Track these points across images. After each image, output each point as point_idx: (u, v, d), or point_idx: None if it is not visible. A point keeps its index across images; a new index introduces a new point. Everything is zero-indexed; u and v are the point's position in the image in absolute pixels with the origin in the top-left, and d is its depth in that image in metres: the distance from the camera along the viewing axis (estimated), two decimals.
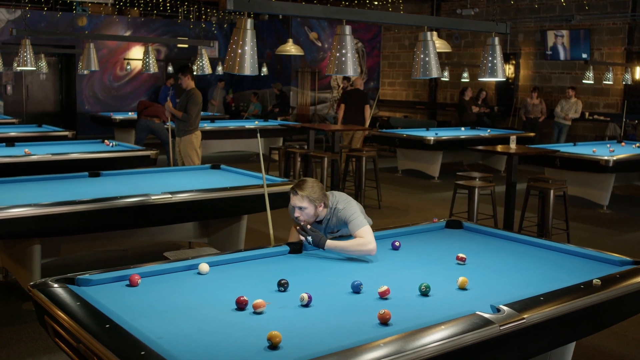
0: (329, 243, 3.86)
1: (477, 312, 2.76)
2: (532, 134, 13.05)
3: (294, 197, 4.01)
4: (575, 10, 14.22)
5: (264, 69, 16.43)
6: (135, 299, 3.04)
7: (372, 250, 3.82)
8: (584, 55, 14.07)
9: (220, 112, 17.03)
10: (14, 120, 13.24)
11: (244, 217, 6.16)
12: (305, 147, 10.24)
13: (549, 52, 14.71)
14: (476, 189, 7.24)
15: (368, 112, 11.71)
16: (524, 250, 4.07)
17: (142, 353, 2.32)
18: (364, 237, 3.87)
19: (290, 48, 12.17)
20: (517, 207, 7.77)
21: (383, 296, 3.06)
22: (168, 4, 17.81)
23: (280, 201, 5.57)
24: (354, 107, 11.80)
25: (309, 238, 3.86)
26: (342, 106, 11.89)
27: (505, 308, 2.83)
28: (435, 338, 2.52)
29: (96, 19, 17.48)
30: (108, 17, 17.68)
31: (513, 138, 8.47)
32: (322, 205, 4.03)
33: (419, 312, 2.89)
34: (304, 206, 3.99)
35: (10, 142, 8.79)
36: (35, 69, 8.57)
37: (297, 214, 4.02)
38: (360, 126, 11.31)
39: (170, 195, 5.27)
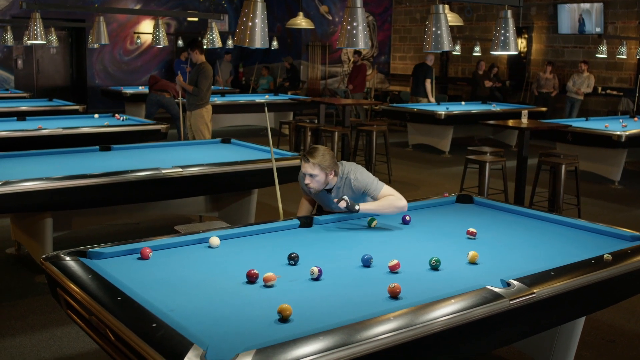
0: (362, 206, 3.94)
1: (487, 287, 2.76)
2: (544, 109, 12.96)
3: (305, 164, 4.03)
4: None
5: (275, 43, 16.34)
6: (147, 272, 3.05)
7: (404, 206, 3.97)
8: (598, 29, 13.92)
9: (227, 86, 16.94)
10: (25, 95, 13.26)
11: (254, 191, 6.18)
12: (316, 121, 10.22)
13: (564, 26, 14.54)
14: (487, 164, 7.21)
15: (428, 85, 13.11)
16: (534, 225, 4.06)
17: (154, 325, 2.33)
18: (394, 194, 3.99)
19: (301, 21, 12.09)
20: (528, 182, 7.74)
21: (393, 270, 3.07)
22: None
23: (291, 175, 5.57)
24: (416, 80, 13.41)
25: (343, 203, 3.89)
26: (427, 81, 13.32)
27: (515, 282, 2.83)
28: (445, 312, 2.53)
29: None
30: None
31: (525, 113, 8.42)
32: (333, 173, 4.07)
33: (429, 286, 2.89)
34: (314, 174, 4.02)
35: (21, 116, 8.81)
36: (45, 42, 8.55)
37: (307, 181, 4.06)
38: (421, 97, 13.18)
39: (181, 169, 5.28)
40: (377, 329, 2.35)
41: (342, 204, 3.90)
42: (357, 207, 3.92)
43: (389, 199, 3.98)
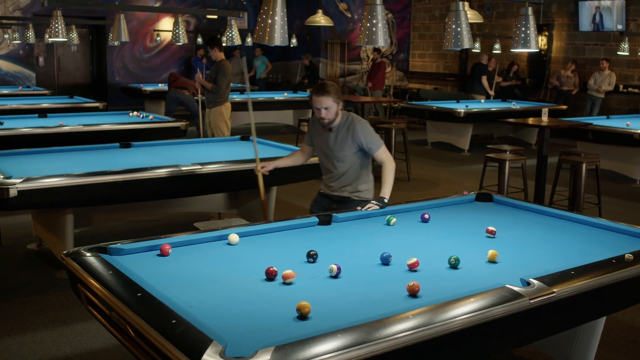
0: (386, 194, 4.30)
1: (507, 285, 2.75)
2: (564, 107, 12.86)
3: (320, 97, 4.37)
4: None
5: (294, 40, 16.35)
6: (166, 268, 3.07)
7: (395, 167, 4.49)
8: (619, 27, 13.78)
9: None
10: (46, 92, 13.38)
11: (273, 189, 6.18)
12: None
13: (584, 23, 14.42)
14: (507, 162, 7.17)
15: (484, 81, 13.65)
16: (554, 224, 4.03)
17: (173, 321, 2.35)
18: (390, 158, 4.48)
19: (320, 19, 12.08)
20: (548, 181, 7.69)
21: (412, 268, 3.06)
22: None
23: (311, 173, 5.58)
24: (473, 78, 14.02)
25: (374, 207, 4.17)
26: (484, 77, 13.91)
27: (535, 281, 2.81)
28: (464, 310, 2.52)
29: None
30: None
31: (545, 111, 8.36)
32: (340, 105, 4.45)
33: (448, 284, 2.88)
34: (329, 105, 4.38)
35: (42, 113, 8.88)
36: (66, 40, 8.61)
37: (323, 114, 4.40)
38: (477, 94, 13.72)
39: (200, 167, 5.31)
40: (396, 327, 2.35)
41: (374, 207, 4.15)
42: (385, 200, 4.24)
43: (392, 169, 4.45)
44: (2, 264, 5.64)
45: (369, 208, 4.14)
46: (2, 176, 4.69)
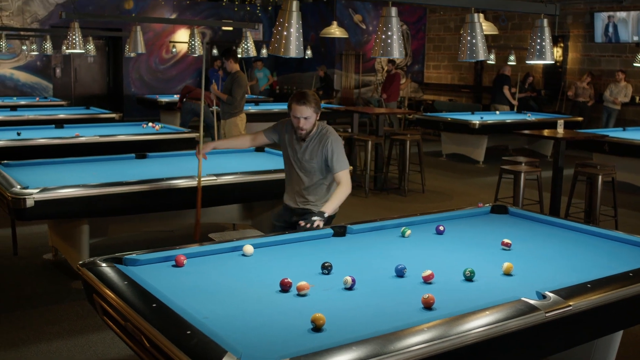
0: (328, 210, 4.15)
1: (523, 298, 2.73)
2: (580, 119, 12.81)
3: (301, 107, 4.29)
4: None
5: (308, 52, 16.40)
6: (181, 279, 3.08)
7: (349, 193, 4.31)
8: (635, 38, 13.72)
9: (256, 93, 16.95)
10: (62, 103, 13.49)
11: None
12: (349, 130, 10.22)
13: (599, 35, 14.37)
14: (522, 174, 7.14)
15: (506, 92, 13.70)
16: (570, 236, 4.00)
17: (188, 332, 2.35)
18: (348, 183, 4.33)
19: (335, 31, 12.11)
20: (564, 193, 7.65)
21: (427, 280, 3.05)
22: None
23: None
24: (495, 89, 14.08)
25: (320, 223, 4.03)
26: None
27: (551, 295, 2.79)
28: (479, 323, 2.51)
29: (142, 2, 17.64)
30: (154, 0, 17.83)
31: (560, 122, 8.32)
32: (318, 115, 4.40)
33: (463, 297, 2.87)
34: (309, 115, 4.31)
35: (59, 124, 8.96)
36: (83, 51, 8.69)
37: (301, 124, 4.32)
38: (500, 104, 13.81)
39: (215, 178, 5.32)
40: (411, 340, 2.34)
41: (319, 224, 4.01)
42: (325, 215, 4.10)
43: (345, 191, 4.30)
44: (18, 273, 5.68)
45: (315, 225, 3.98)
46: (19, 186, 4.72)
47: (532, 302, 2.71)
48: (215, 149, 4.97)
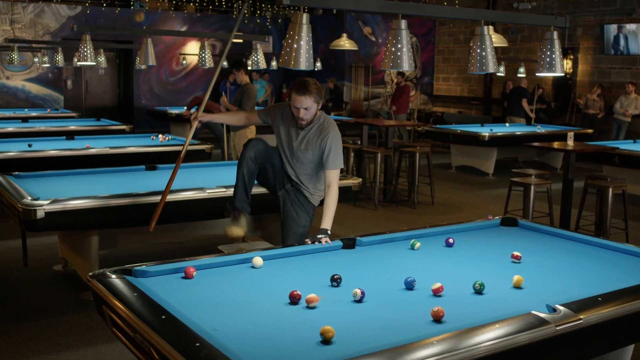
0: (329, 226, 4.10)
1: (533, 312, 2.72)
2: (590, 131, 12.77)
3: (301, 97, 4.16)
4: (637, 3, 13.84)
5: (318, 64, 16.46)
6: (191, 291, 3.08)
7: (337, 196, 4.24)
8: None
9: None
10: (73, 114, 13.56)
11: None
12: (359, 142, 10.22)
13: (608, 47, 14.36)
14: (532, 186, 7.12)
15: (525, 104, 13.49)
16: (580, 249, 3.99)
17: (197, 344, 2.35)
18: (337, 185, 4.24)
19: (344, 43, 12.16)
20: (574, 206, 7.61)
21: (436, 293, 3.04)
22: (223, 0, 17.98)
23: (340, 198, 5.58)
24: (511, 102, 13.89)
25: (326, 241, 3.95)
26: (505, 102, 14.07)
27: (561, 308, 2.78)
28: (489, 337, 2.49)
29: (153, 14, 17.76)
30: (165, 13, 17.96)
31: (570, 135, 8.30)
32: (320, 105, 4.27)
33: (472, 310, 2.86)
34: (309, 106, 4.19)
35: (70, 135, 9.01)
36: (94, 64, 8.75)
37: (302, 114, 4.22)
38: (516, 117, 13.63)
39: (224, 189, 5.33)
40: (420, 353, 2.33)
41: (325, 240, 3.93)
42: (328, 232, 4.03)
43: (335, 197, 4.22)
44: (28, 285, 5.69)
45: (322, 241, 3.91)
46: (29, 198, 4.75)
47: (542, 315, 2.69)
48: (211, 120, 4.86)
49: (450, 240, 4.00)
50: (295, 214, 4.57)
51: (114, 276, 3.09)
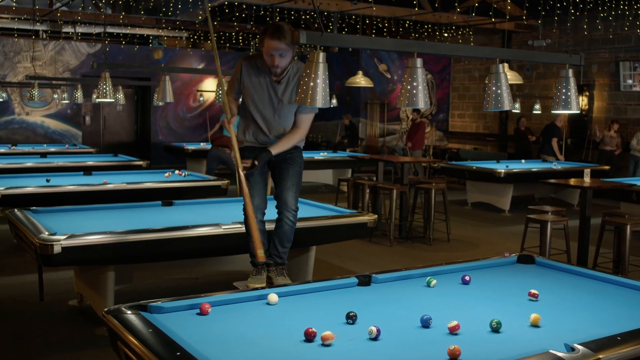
0: (274, 150, 4.14)
1: (551, 351, 2.69)
2: (607, 167, 12.72)
3: (275, 41, 4.05)
4: None
5: (334, 101, 16.58)
6: (206, 327, 3.07)
7: (303, 139, 4.25)
8: None
9: None
10: (91, 150, 13.72)
11: (312, 248, 6.18)
12: (374, 178, 10.23)
13: (625, 84, 14.37)
14: (549, 223, 7.08)
15: (554, 143, 13.51)
16: (599, 287, 3.95)
17: None
18: (305, 131, 4.31)
19: (360, 80, 12.25)
20: (591, 243, 7.55)
21: (453, 331, 3.01)
22: (240, 37, 18.20)
23: (350, 232, 5.58)
24: (544, 140, 13.87)
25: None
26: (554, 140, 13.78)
27: (580, 347, 2.75)
28: None
29: (171, 52, 18.01)
30: (182, 50, 18.20)
31: (587, 171, 8.28)
32: (294, 52, 4.21)
33: (489, 348, 2.83)
34: (284, 51, 4.10)
35: (87, 170, 9.09)
36: (113, 100, 8.85)
37: (276, 61, 4.12)
38: (548, 155, 13.59)
39: (240, 225, 5.34)
40: None
41: (256, 163, 4.04)
42: (272, 153, 4.10)
43: (298, 137, 4.29)
44: (43, 319, 5.70)
45: (253, 168, 4.04)
46: (47, 232, 4.78)
47: (560, 354, 2.66)
48: (232, 124, 4.57)
49: (467, 278, 3.97)
50: (292, 169, 4.59)
51: (129, 312, 3.09)
